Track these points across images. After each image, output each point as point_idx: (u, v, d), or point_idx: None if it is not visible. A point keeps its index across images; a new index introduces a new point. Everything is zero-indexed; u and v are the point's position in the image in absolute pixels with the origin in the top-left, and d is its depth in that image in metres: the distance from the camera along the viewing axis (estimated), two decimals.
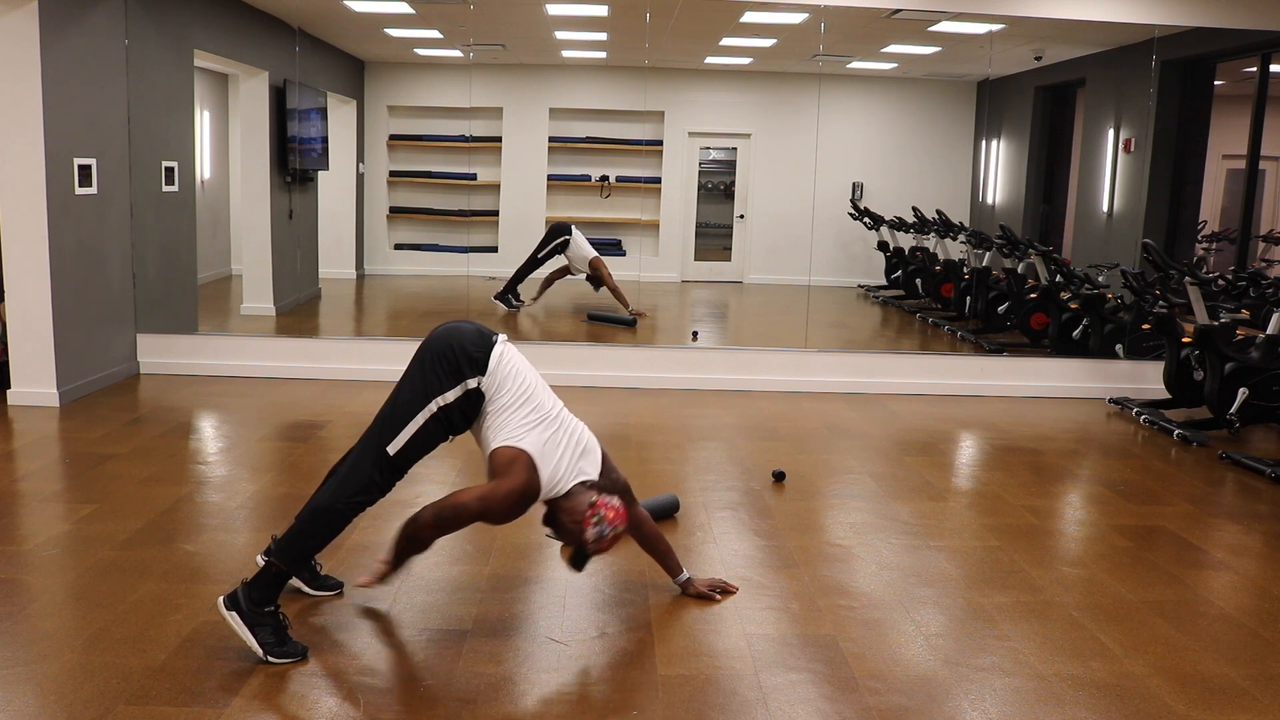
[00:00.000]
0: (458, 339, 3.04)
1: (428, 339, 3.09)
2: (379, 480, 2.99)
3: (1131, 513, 4.55)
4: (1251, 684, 2.98)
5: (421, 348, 3.08)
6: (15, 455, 4.85)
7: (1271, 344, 5.82)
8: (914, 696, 2.84)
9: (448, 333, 3.07)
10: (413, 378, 3.04)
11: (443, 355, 3.01)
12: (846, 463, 5.20)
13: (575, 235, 8.75)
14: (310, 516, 3.00)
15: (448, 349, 3.01)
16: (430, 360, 3.02)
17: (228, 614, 2.88)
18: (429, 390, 2.99)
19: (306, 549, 3.04)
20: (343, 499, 2.97)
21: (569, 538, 3.08)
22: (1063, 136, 9.15)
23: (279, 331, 7.77)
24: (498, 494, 2.96)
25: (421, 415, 2.98)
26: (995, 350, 7.57)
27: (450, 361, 3.00)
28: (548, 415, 3.11)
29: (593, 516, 3.01)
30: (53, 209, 5.58)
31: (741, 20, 8.00)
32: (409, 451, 3.00)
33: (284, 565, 2.95)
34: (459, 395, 3.00)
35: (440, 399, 2.99)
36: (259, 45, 7.94)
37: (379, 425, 3.02)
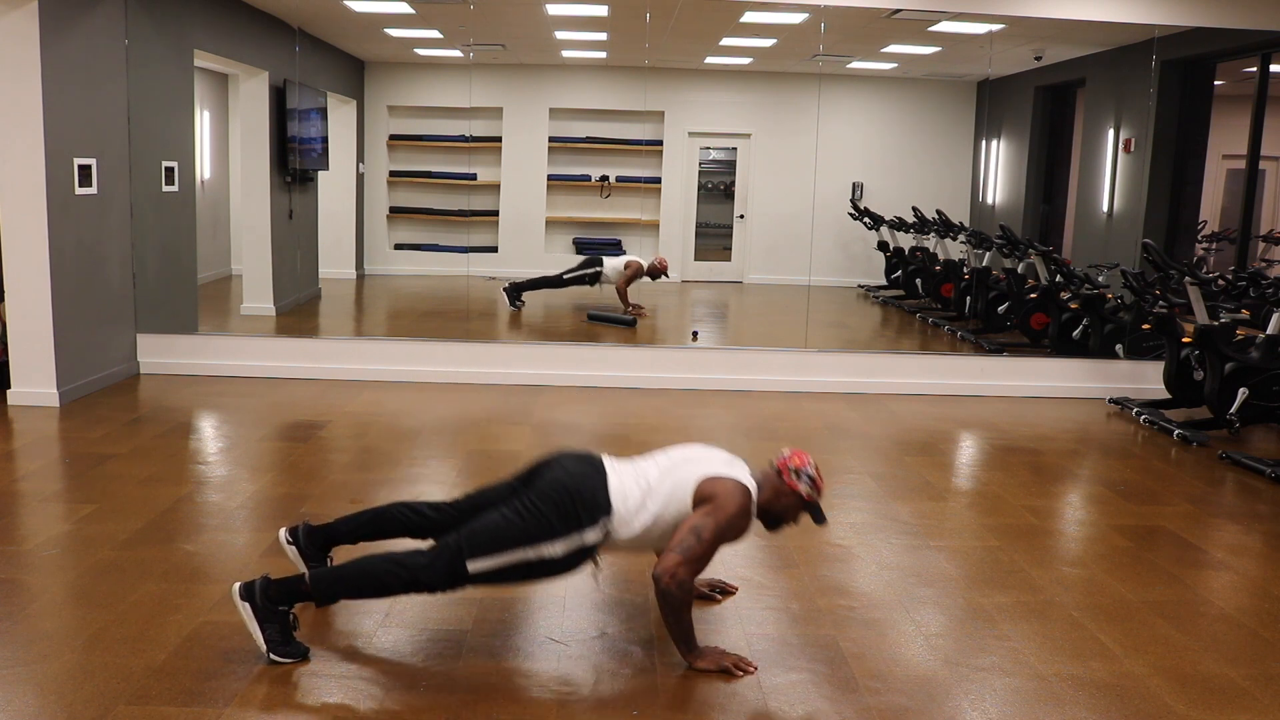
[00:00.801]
0: (577, 483, 2.90)
1: (550, 467, 2.97)
2: (444, 586, 2.89)
3: (1131, 513, 4.55)
4: (1251, 684, 2.98)
5: (543, 470, 2.98)
6: (15, 455, 4.85)
7: (1271, 344, 5.81)
8: (914, 696, 2.84)
9: (566, 474, 2.93)
10: (526, 505, 2.87)
11: (559, 502, 2.86)
12: (846, 463, 5.20)
13: (607, 263, 8.79)
14: (363, 575, 2.90)
15: (565, 495, 2.87)
16: (548, 498, 2.87)
17: (241, 603, 2.86)
18: (539, 532, 2.84)
19: (343, 595, 2.99)
20: (401, 579, 2.86)
21: (796, 510, 3.04)
22: (1063, 136, 9.15)
23: (279, 331, 7.77)
24: (727, 511, 2.89)
25: (519, 554, 2.84)
26: (995, 350, 7.57)
27: (567, 509, 2.86)
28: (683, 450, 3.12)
29: (790, 475, 3.01)
30: (53, 209, 5.58)
31: (741, 20, 8.00)
32: (487, 579, 2.88)
33: (314, 595, 2.92)
34: (568, 550, 2.87)
35: (547, 549, 2.85)
36: (259, 45, 7.94)
37: (475, 535, 2.85)
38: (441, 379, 6.65)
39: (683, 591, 2.86)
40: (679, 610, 2.88)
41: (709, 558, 2.91)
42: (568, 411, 6.05)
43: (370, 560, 2.94)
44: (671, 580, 2.83)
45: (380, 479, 4.60)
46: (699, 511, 2.91)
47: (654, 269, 8.83)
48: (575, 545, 2.88)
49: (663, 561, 2.86)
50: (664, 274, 8.90)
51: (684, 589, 2.86)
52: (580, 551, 2.90)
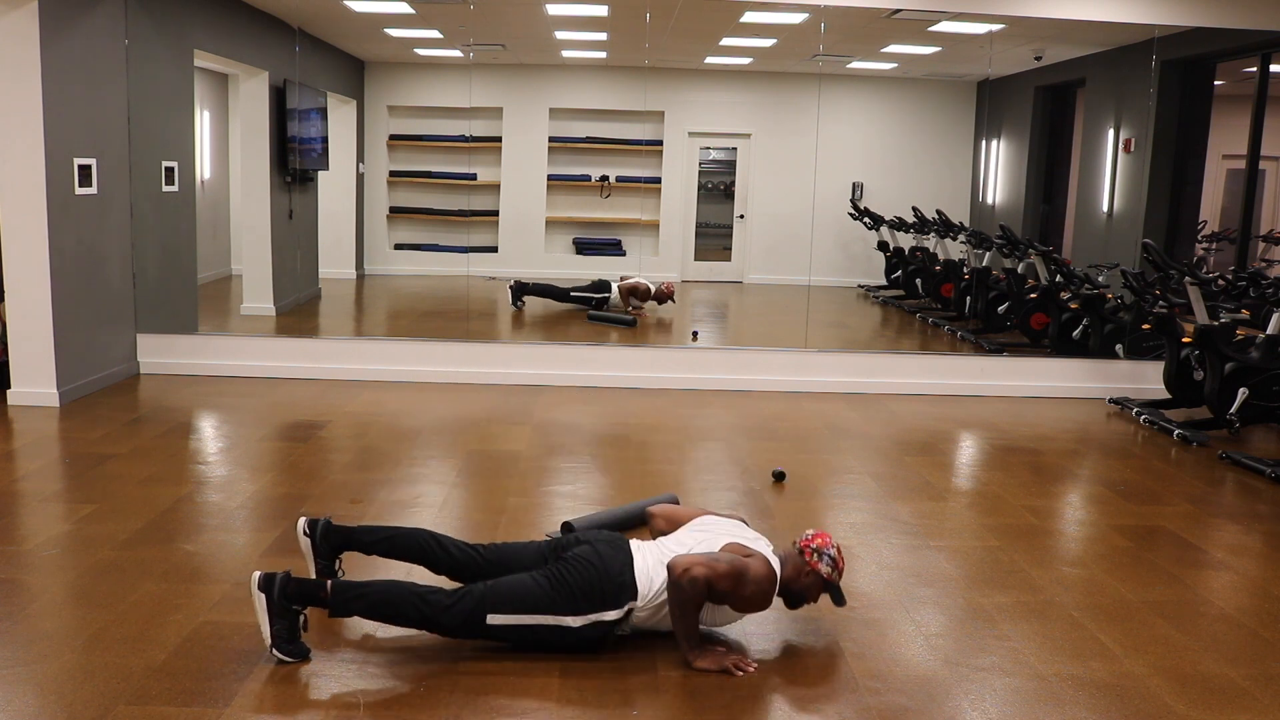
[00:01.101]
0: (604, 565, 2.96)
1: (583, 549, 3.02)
2: (459, 631, 2.93)
3: (1131, 513, 4.55)
4: (1251, 684, 2.98)
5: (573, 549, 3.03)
6: (15, 455, 4.85)
7: (1271, 344, 5.81)
8: (914, 696, 2.84)
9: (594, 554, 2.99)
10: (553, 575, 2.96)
11: (586, 578, 2.94)
12: (846, 463, 5.20)
13: (614, 291, 8.80)
14: (384, 600, 2.93)
15: (591, 573, 2.94)
16: (576, 573, 2.95)
17: (257, 593, 2.87)
18: (563, 603, 2.92)
19: (359, 611, 2.97)
20: (420, 614, 2.90)
21: (816, 589, 3.11)
22: (1063, 136, 9.15)
23: (279, 331, 7.77)
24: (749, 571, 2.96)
25: (538, 618, 2.92)
26: (995, 350, 7.57)
27: (593, 587, 2.93)
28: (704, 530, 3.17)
29: (812, 555, 3.08)
30: (53, 209, 5.58)
31: (741, 20, 8.00)
32: (502, 634, 2.93)
33: (332, 603, 2.92)
34: (585, 625, 2.94)
35: (568, 620, 2.92)
36: (259, 45, 7.94)
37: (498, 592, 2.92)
38: (441, 379, 6.65)
39: (693, 589, 2.88)
40: (685, 605, 2.91)
41: (723, 580, 2.92)
42: (568, 411, 6.05)
43: (395, 586, 2.98)
44: (684, 575, 2.88)
45: (380, 479, 4.60)
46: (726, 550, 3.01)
47: (660, 294, 8.80)
48: (593, 621, 2.95)
49: (681, 560, 2.92)
50: (670, 299, 8.84)
51: (695, 586, 2.88)
52: (597, 627, 2.97)
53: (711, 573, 2.90)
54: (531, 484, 4.63)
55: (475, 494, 4.53)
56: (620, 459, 5.10)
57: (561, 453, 5.15)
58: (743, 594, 2.96)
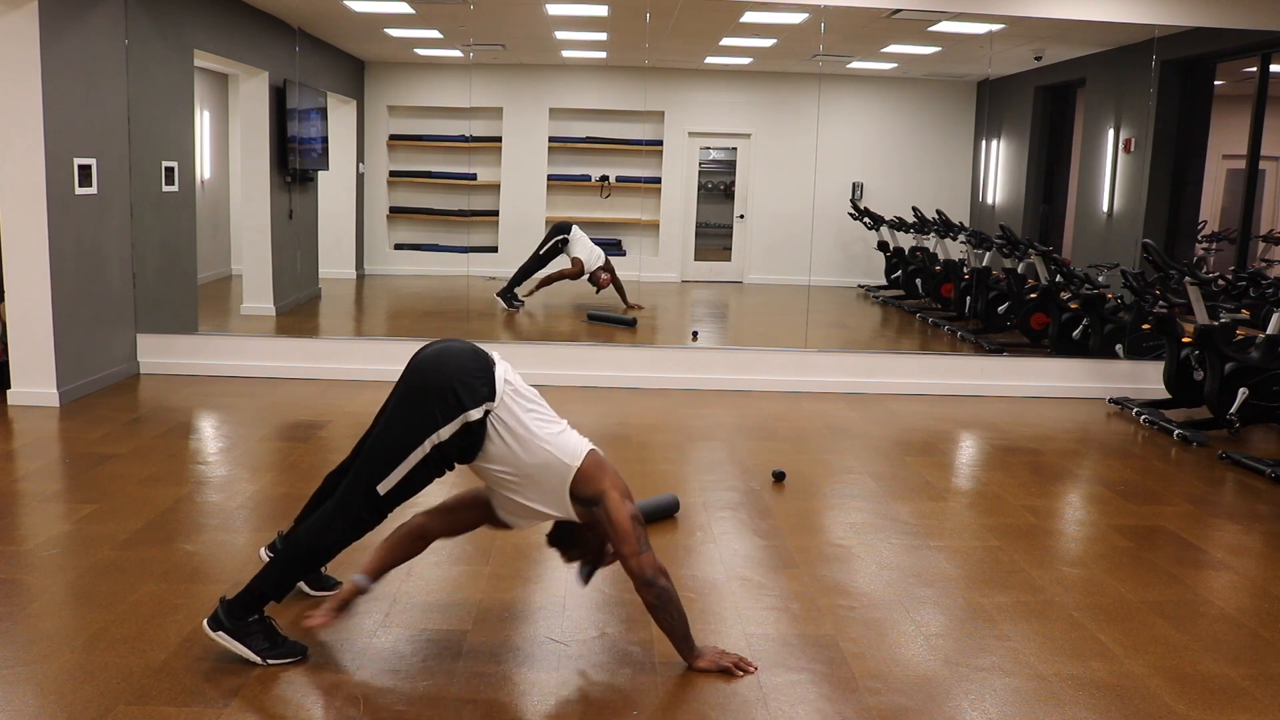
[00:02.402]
0: (453, 368, 2.80)
1: (417, 364, 2.87)
2: (367, 518, 2.87)
3: (1131, 513, 4.55)
4: (1251, 684, 2.98)
5: (411, 373, 2.86)
6: (15, 455, 4.85)
7: (1271, 344, 5.81)
8: (914, 696, 2.84)
9: (439, 361, 2.83)
10: (405, 410, 2.81)
11: (437, 389, 2.77)
12: (846, 463, 5.20)
13: (574, 233, 8.75)
14: (296, 555, 2.89)
15: (443, 382, 2.77)
16: (423, 392, 2.79)
17: (214, 635, 2.85)
18: (423, 427, 2.77)
19: (292, 576, 2.95)
20: (329, 540, 2.88)
21: (586, 552, 2.99)
22: (1063, 136, 9.15)
23: (279, 331, 7.77)
24: (624, 488, 2.88)
25: (415, 455, 2.79)
26: (995, 350, 7.57)
27: (447, 394, 2.76)
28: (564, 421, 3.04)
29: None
30: (53, 209, 5.58)
31: (741, 20, 8.00)
32: (401, 491, 2.84)
33: (270, 594, 2.90)
34: (455, 431, 2.77)
35: (435, 437, 2.77)
36: (259, 45, 7.94)
37: (369, 458, 2.85)
38: None
39: (667, 582, 2.84)
40: (669, 607, 2.86)
41: (643, 525, 2.86)
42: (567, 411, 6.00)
43: (294, 534, 2.97)
44: (660, 574, 2.83)
45: None
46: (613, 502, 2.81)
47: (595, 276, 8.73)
48: (460, 424, 2.77)
49: (630, 568, 2.82)
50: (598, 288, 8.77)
51: (665, 577, 2.84)
52: (468, 429, 2.77)
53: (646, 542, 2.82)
54: None
55: None
56: (620, 459, 5.10)
57: None
58: None
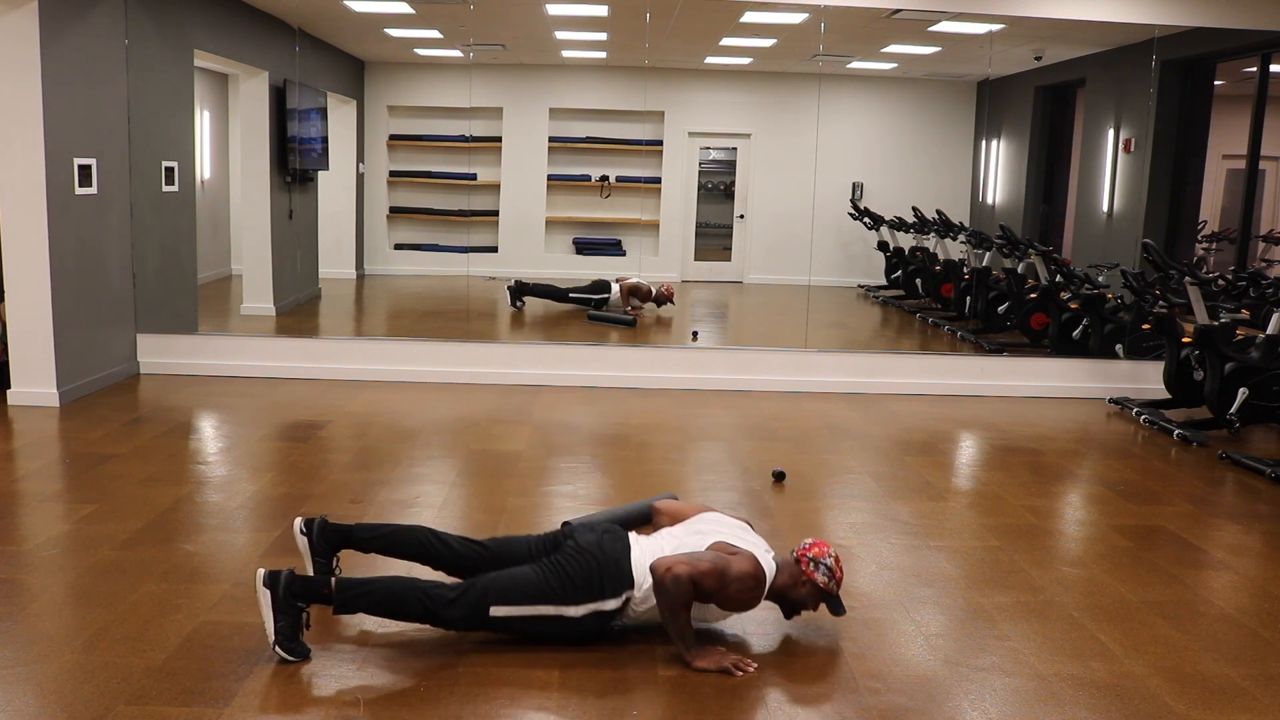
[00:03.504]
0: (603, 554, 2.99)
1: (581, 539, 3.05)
2: (462, 624, 2.95)
3: (1131, 513, 4.55)
4: (1251, 684, 2.98)
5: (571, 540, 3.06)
6: (15, 455, 4.85)
7: (1271, 344, 5.81)
8: (914, 696, 2.84)
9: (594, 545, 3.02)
10: (553, 566, 2.99)
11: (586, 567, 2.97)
12: (846, 463, 5.20)
13: (614, 291, 8.80)
14: (388, 595, 2.94)
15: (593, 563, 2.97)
16: (575, 563, 2.98)
17: (262, 589, 2.87)
18: (563, 592, 2.94)
19: (363, 610, 2.98)
20: (424, 611, 2.92)
21: (813, 599, 3.10)
22: (1063, 136, 9.15)
23: (279, 331, 7.77)
24: (733, 569, 2.94)
25: (540, 608, 2.94)
26: (995, 350, 7.57)
27: (593, 578, 2.96)
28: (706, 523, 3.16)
29: (808, 565, 3.07)
30: (53, 209, 5.58)
31: (741, 20, 8.00)
32: (505, 626, 2.96)
33: (336, 600, 2.92)
34: (586, 614, 2.96)
35: (568, 609, 2.95)
36: (259, 45, 7.94)
37: (501, 582, 2.96)
38: (441, 379, 6.65)
39: (678, 588, 2.88)
40: (674, 606, 2.91)
41: (706, 580, 2.90)
42: (568, 411, 6.05)
43: (398, 582, 2.99)
44: (667, 574, 2.88)
45: (380, 479, 4.60)
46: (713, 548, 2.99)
47: (660, 296, 8.80)
48: (593, 610, 2.97)
49: (663, 558, 2.92)
50: (669, 300, 8.84)
51: (679, 585, 2.88)
52: (597, 616, 2.98)
53: (694, 570, 2.89)
54: (531, 484, 4.63)
55: (475, 494, 4.53)
56: (620, 459, 5.10)
57: (561, 453, 5.15)
58: (728, 592, 2.95)
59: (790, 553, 3.15)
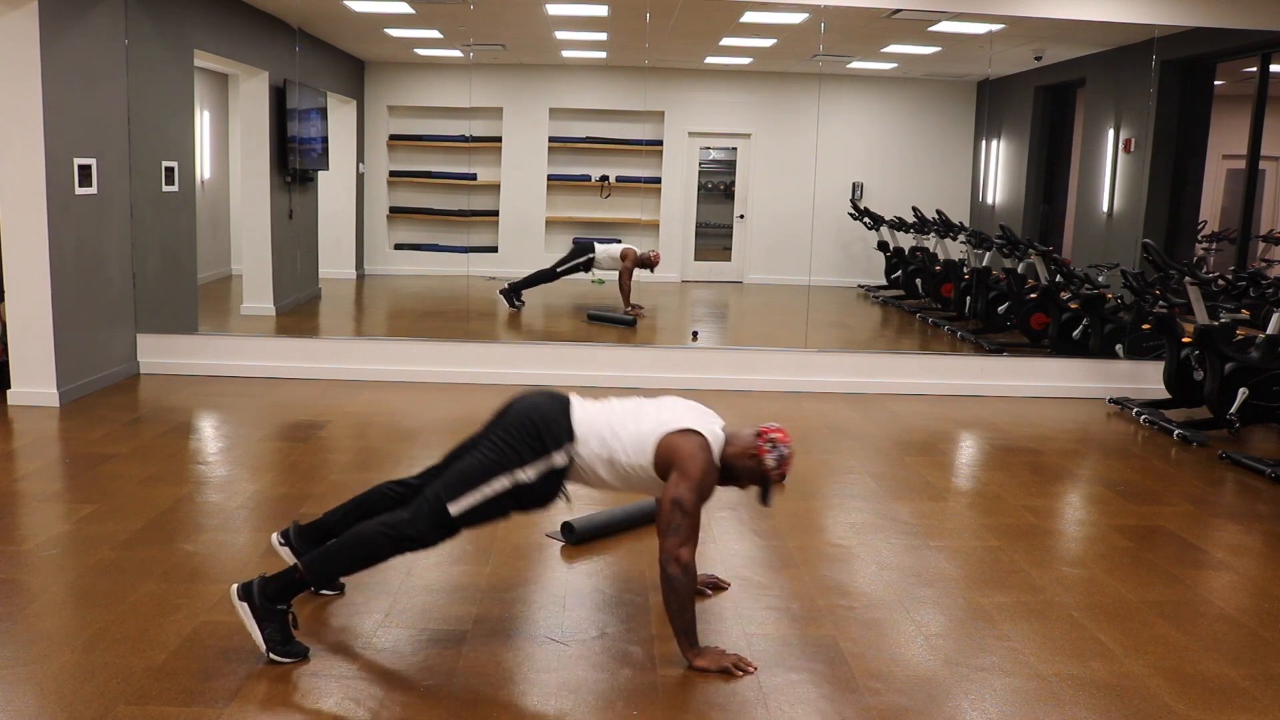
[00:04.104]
0: (539, 412, 2.99)
1: (512, 403, 3.06)
2: (431, 538, 2.92)
3: (1131, 513, 4.55)
4: (1251, 684, 2.98)
5: (506, 409, 3.04)
6: (15, 455, 4.85)
7: (1271, 344, 5.81)
8: (914, 696, 2.84)
9: (529, 404, 3.03)
10: (492, 441, 2.96)
11: (523, 428, 2.95)
12: (846, 463, 5.20)
13: (599, 249, 8.80)
14: (353, 545, 2.93)
15: (528, 422, 2.96)
16: (512, 430, 2.96)
17: (239, 604, 2.86)
18: (507, 461, 2.91)
19: (338, 571, 3.00)
20: (390, 541, 2.90)
21: (751, 477, 3.05)
22: (1063, 136, 9.15)
23: (279, 331, 7.77)
24: (698, 471, 2.92)
25: (494, 486, 2.91)
26: (995, 350, 7.57)
27: (532, 435, 2.94)
28: (645, 404, 3.13)
29: (765, 443, 3.01)
30: (53, 209, 5.58)
31: (741, 20, 8.00)
32: (471, 517, 2.92)
33: (310, 579, 2.92)
34: (540, 475, 2.93)
35: (520, 474, 2.92)
36: (259, 45, 7.94)
37: (448, 479, 2.94)
38: (441, 379, 6.65)
39: (687, 575, 2.88)
40: (683, 599, 2.89)
41: (699, 524, 2.93)
42: None
43: (357, 531, 2.97)
44: (676, 565, 2.86)
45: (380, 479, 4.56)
46: (672, 483, 2.94)
47: (645, 259, 8.79)
48: (545, 469, 2.94)
49: (663, 548, 2.89)
50: (653, 267, 8.85)
51: (689, 572, 2.88)
52: (551, 475, 2.96)
53: (690, 536, 2.88)
54: None
55: None
56: None
57: None
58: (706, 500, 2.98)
59: (753, 427, 3.09)
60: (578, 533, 3.88)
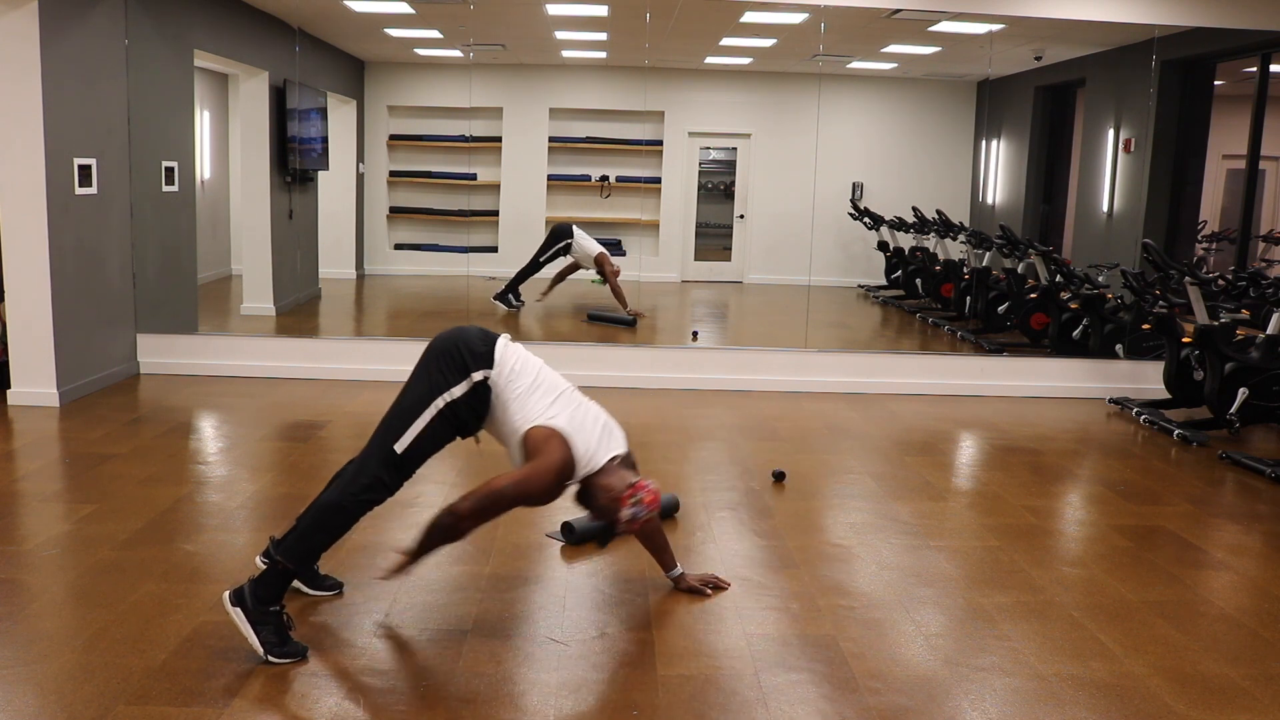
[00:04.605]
0: (462, 338, 3.09)
1: (432, 341, 3.14)
2: (386, 479, 3.01)
3: (1131, 513, 4.55)
4: (1251, 684, 2.98)
5: (426, 350, 3.13)
6: (15, 455, 4.85)
7: (1271, 344, 5.81)
8: (914, 696, 2.84)
9: (451, 333, 3.12)
10: (419, 378, 3.08)
11: (447, 353, 3.05)
12: (846, 463, 5.20)
13: (578, 235, 8.74)
14: (317, 513, 3.03)
15: (452, 347, 3.06)
16: (435, 359, 3.06)
17: (232, 610, 2.87)
18: (435, 387, 3.02)
19: (313, 546, 3.04)
20: (350, 497, 2.99)
21: (602, 514, 3.11)
22: (1063, 136, 9.15)
23: (279, 331, 7.77)
24: (536, 473, 2.97)
25: (429, 412, 3.01)
26: (995, 350, 7.57)
27: (456, 359, 3.04)
28: (566, 394, 3.17)
29: (631, 497, 3.04)
30: (53, 209, 5.58)
31: (741, 20, 8.00)
32: (416, 449, 3.02)
33: (289, 563, 2.95)
34: (466, 390, 3.03)
35: (447, 394, 3.02)
36: (259, 45, 7.94)
37: (386, 425, 3.05)
38: None
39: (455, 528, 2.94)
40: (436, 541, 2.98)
41: (496, 509, 3.00)
42: None
43: (318, 502, 3.10)
44: (450, 515, 2.93)
45: None
46: (518, 472, 3.00)
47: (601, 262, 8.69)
48: (470, 384, 3.03)
49: (459, 504, 2.94)
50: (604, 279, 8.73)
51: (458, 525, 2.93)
52: (477, 388, 3.04)
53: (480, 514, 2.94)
54: None
55: None
56: None
57: None
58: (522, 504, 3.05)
59: (634, 474, 3.15)
60: (578, 533, 3.89)
